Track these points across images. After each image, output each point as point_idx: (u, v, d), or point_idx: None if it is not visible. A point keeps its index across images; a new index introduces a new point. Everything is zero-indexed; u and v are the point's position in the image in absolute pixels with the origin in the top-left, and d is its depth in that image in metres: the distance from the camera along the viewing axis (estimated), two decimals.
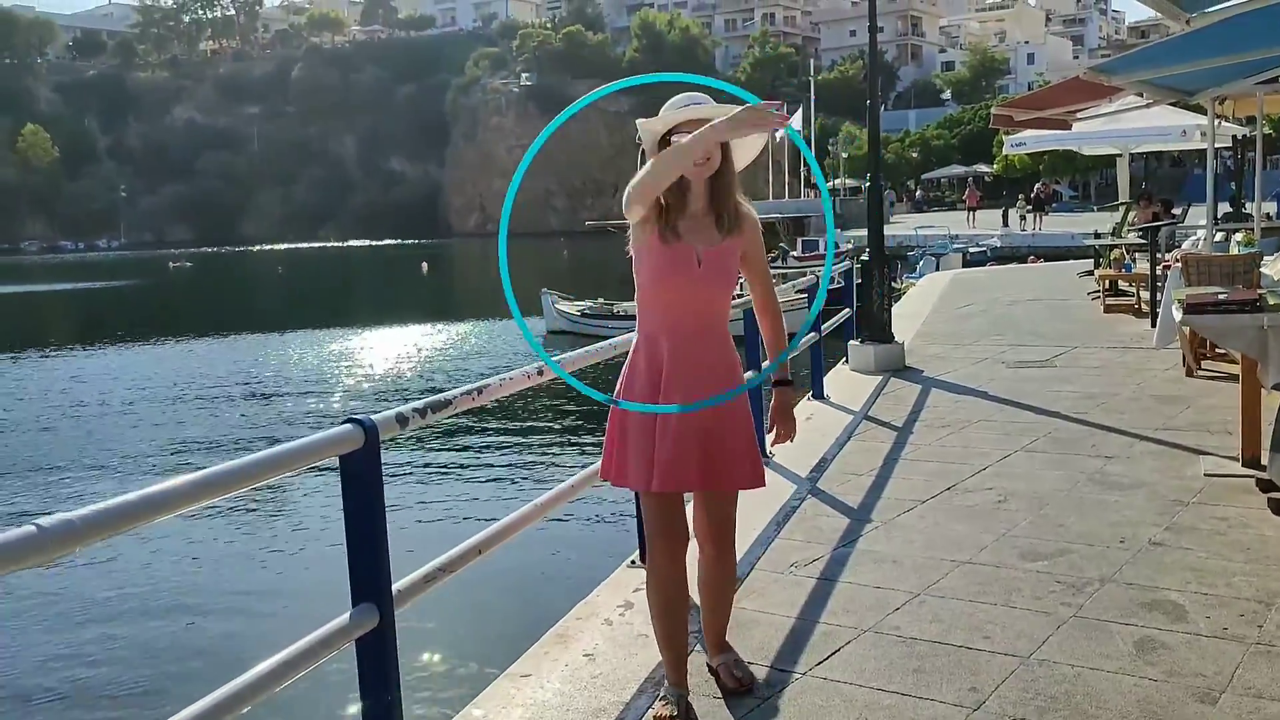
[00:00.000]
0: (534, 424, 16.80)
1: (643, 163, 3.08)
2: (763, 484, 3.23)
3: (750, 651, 3.61)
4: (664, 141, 3.08)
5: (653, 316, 3.13)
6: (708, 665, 3.44)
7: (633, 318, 4.15)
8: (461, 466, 14.09)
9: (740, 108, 2.89)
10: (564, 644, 3.80)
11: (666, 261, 3.03)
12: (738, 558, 4.49)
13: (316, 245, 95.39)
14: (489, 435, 15.86)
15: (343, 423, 2.65)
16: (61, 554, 1.83)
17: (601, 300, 26.31)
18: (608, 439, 3.22)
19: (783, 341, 3.33)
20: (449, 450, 14.94)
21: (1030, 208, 38.60)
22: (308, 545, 10.81)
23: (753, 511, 4.90)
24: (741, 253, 3.14)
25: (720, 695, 3.32)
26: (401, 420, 2.85)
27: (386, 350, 25.62)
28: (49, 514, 1.83)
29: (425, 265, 59.98)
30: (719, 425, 3.10)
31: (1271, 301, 5.25)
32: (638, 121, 3.14)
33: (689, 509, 3.30)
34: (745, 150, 3.20)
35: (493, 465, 14.13)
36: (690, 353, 3.09)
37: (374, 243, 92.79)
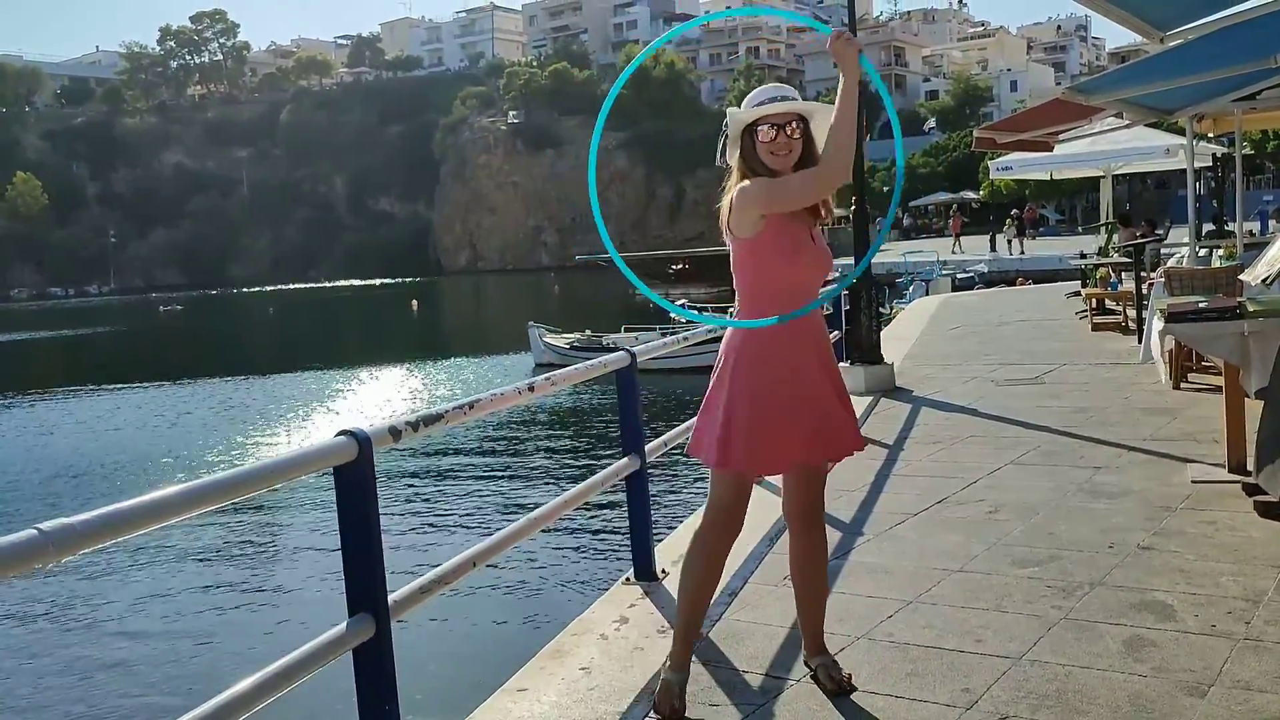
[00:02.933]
0: (528, 441, 16.86)
1: (724, 152, 3.21)
2: (863, 445, 3.41)
3: (745, 660, 3.65)
4: (747, 131, 3.16)
5: (779, 298, 3.14)
6: (806, 664, 3.45)
7: (619, 349, 4.23)
8: (457, 483, 14.15)
9: (824, 106, 3.13)
10: (560, 658, 3.82)
11: (796, 242, 3.13)
12: (732, 572, 4.56)
13: (307, 286, 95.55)
14: (484, 452, 15.92)
15: (337, 435, 2.69)
16: (61, 558, 1.87)
17: (589, 332, 26.36)
18: (727, 426, 3.16)
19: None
20: (446, 467, 15.00)
21: (1015, 232, 38.84)
22: (306, 556, 10.88)
23: (746, 528, 4.91)
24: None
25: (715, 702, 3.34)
26: (394, 433, 2.90)
27: (378, 389, 25.64)
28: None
29: (415, 304, 60.09)
30: (837, 394, 3.25)
31: (1251, 308, 5.32)
32: (729, 110, 3.21)
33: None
34: (824, 133, 3.23)
35: (488, 482, 14.18)
36: (817, 326, 3.24)
37: (364, 282, 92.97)
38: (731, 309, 3.32)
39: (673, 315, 27.84)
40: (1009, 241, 39.11)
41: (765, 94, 3.19)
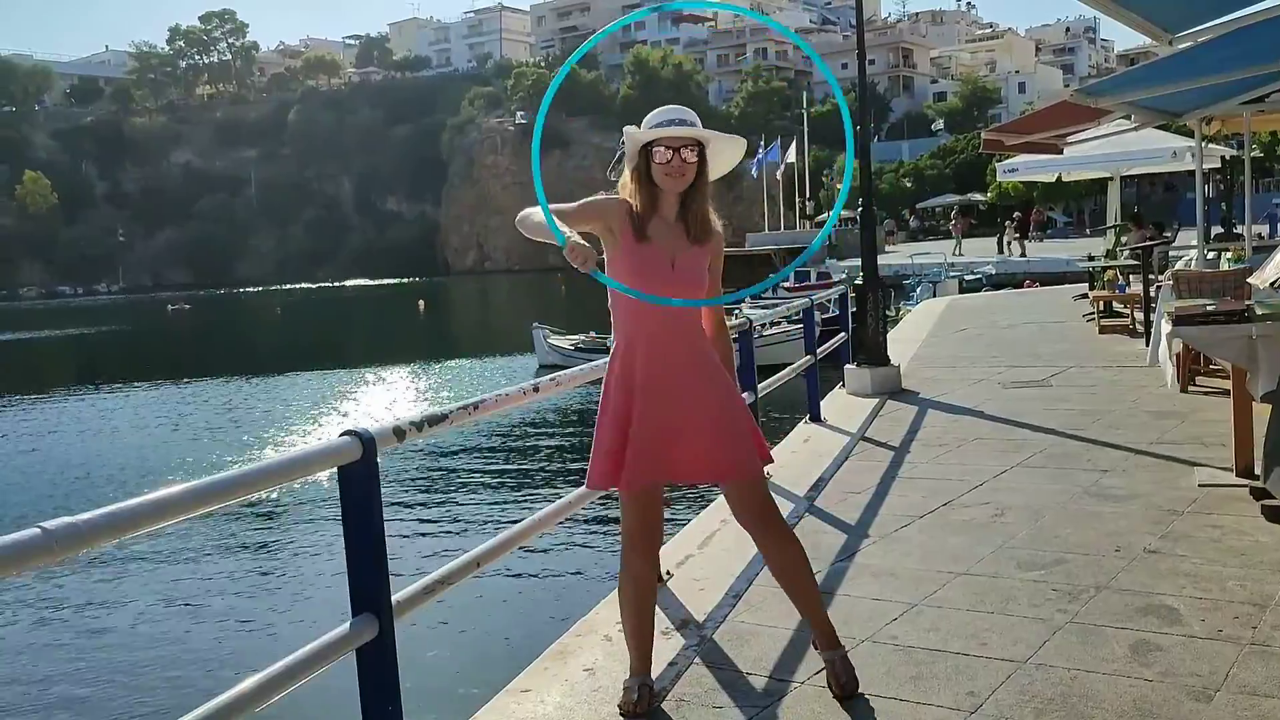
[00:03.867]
0: (532, 441, 16.87)
1: (617, 165, 3.28)
2: (769, 458, 3.38)
3: (749, 662, 3.64)
4: (644, 151, 3.18)
5: (627, 320, 3.23)
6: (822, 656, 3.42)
7: None
8: (461, 484, 14.17)
9: (721, 136, 3.19)
10: (564, 659, 3.82)
11: (640, 263, 3.15)
12: (736, 574, 4.55)
13: (314, 286, 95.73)
14: (489, 453, 15.94)
15: (341, 435, 2.69)
16: (66, 556, 1.87)
17: (594, 334, 26.32)
18: (600, 447, 3.27)
19: (730, 347, 3.57)
20: (450, 468, 15.02)
21: (1017, 234, 38.75)
22: (310, 556, 10.91)
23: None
24: (709, 263, 3.27)
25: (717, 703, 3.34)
26: (399, 433, 2.90)
27: (382, 389, 25.66)
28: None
29: (421, 304, 60.12)
30: (715, 419, 3.21)
31: (1260, 312, 5.30)
32: (626, 129, 3.22)
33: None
34: (720, 161, 3.29)
35: (492, 482, 14.20)
36: (663, 354, 3.20)
37: (371, 282, 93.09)
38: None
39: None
40: (1009, 243, 39.00)
41: (665, 115, 3.19)
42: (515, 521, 3.85)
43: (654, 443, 3.17)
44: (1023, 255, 35.65)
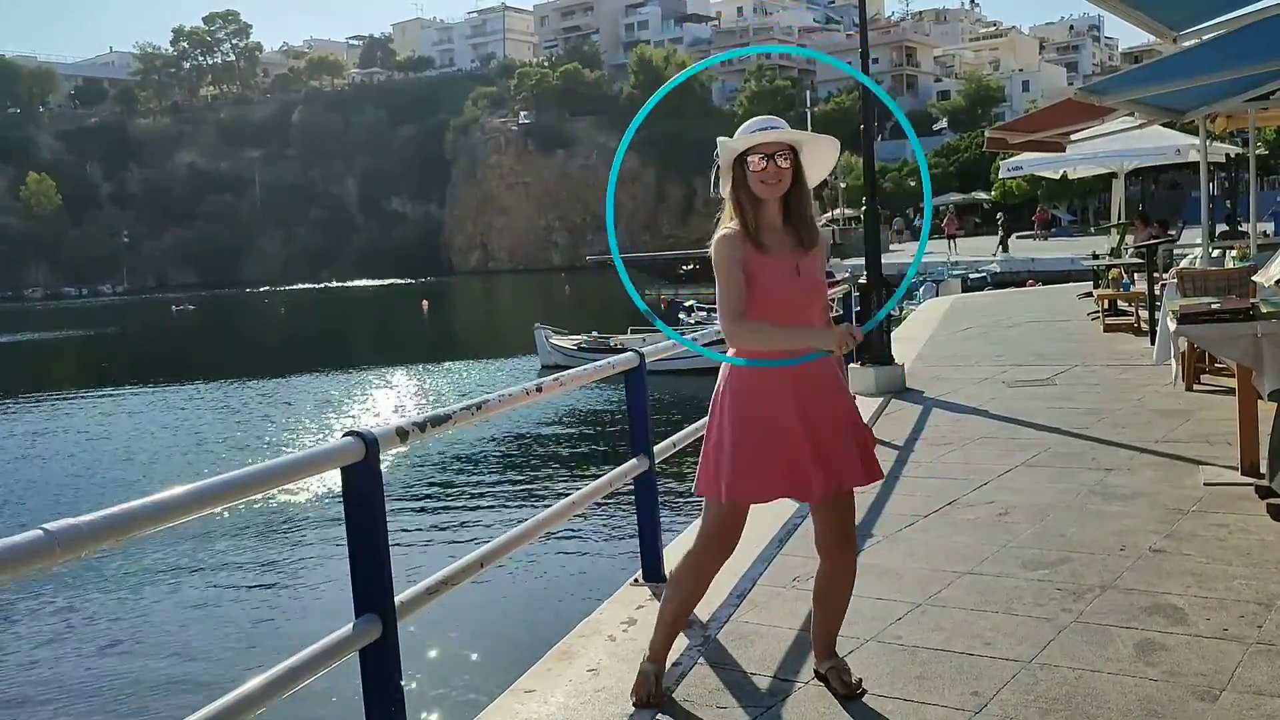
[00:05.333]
0: (535, 442, 16.87)
1: (717, 179, 3.26)
2: (882, 476, 3.41)
3: (753, 662, 3.64)
4: (738, 161, 3.18)
5: None
6: (815, 671, 3.45)
7: (628, 350, 4.25)
8: (465, 484, 14.18)
9: (813, 136, 3.22)
10: (568, 660, 3.82)
11: (773, 275, 3.14)
12: (740, 574, 4.55)
13: (319, 286, 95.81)
14: (492, 453, 15.94)
15: (344, 435, 2.69)
16: (68, 558, 1.87)
17: (595, 334, 26.30)
18: (716, 456, 3.23)
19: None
20: (453, 468, 15.03)
21: (1004, 234, 38.78)
22: (314, 557, 10.92)
23: (755, 528, 4.91)
24: (823, 266, 3.31)
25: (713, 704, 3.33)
26: (401, 434, 2.90)
27: (386, 390, 25.67)
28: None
29: (425, 305, 60.12)
30: (840, 427, 3.22)
31: (1265, 310, 5.28)
32: (719, 139, 3.24)
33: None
34: (816, 163, 3.28)
35: (495, 483, 14.21)
36: (803, 367, 3.18)
37: (376, 283, 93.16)
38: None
39: (680, 316, 27.86)
40: (1001, 241, 38.96)
41: (756, 124, 3.22)
42: (519, 521, 3.84)
43: (784, 455, 3.15)
44: (1005, 251, 35.72)
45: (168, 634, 9.08)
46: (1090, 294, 15.25)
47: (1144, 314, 11.64)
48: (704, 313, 27.62)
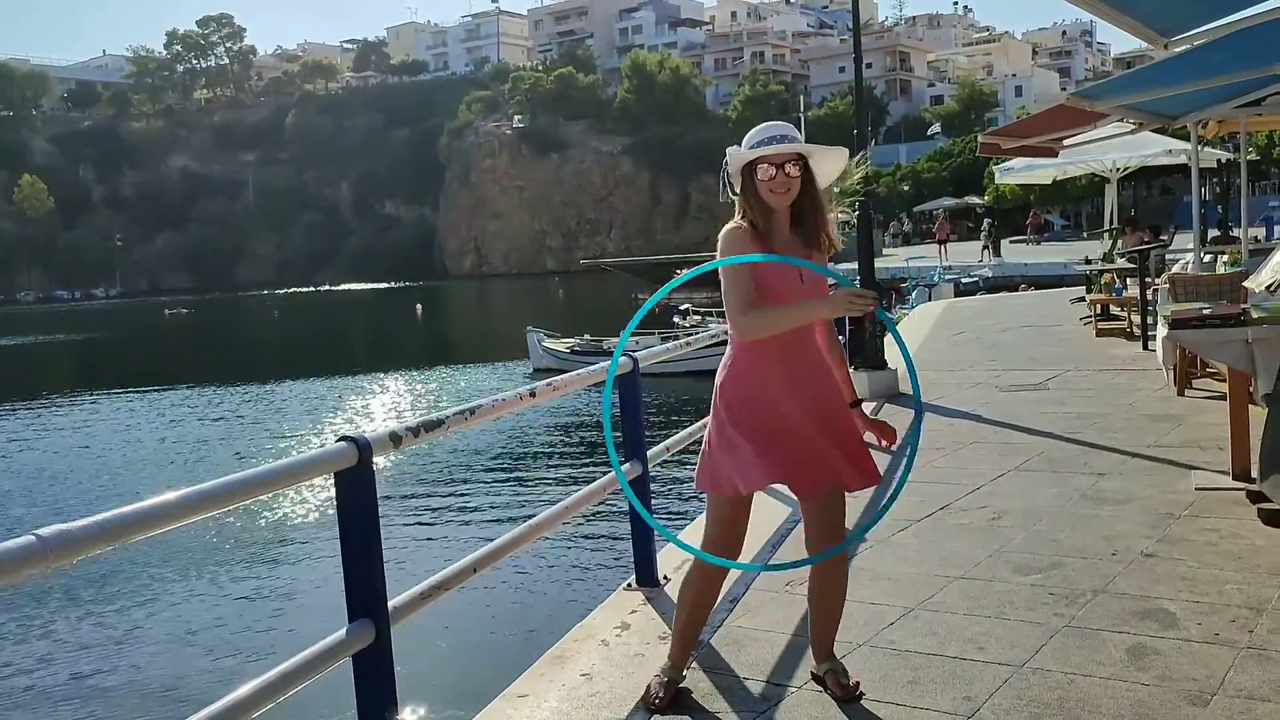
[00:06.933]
0: (529, 447, 16.87)
1: (727, 187, 3.25)
2: (879, 481, 3.42)
3: (745, 667, 3.64)
4: (747, 169, 3.20)
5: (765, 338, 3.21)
6: (813, 673, 3.46)
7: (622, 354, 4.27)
8: (458, 489, 14.18)
9: (822, 148, 3.23)
10: (561, 665, 3.82)
11: (777, 278, 3.15)
12: (734, 578, 4.55)
13: (313, 290, 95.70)
14: (485, 458, 15.94)
15: (338, 440, 2.69)
16: (60, 564, 1.86)
17: (588, 336, 26.29)
18: (717, 451, 3.26)
19: (847, 368, 3.56)
20: (446, 473, 15.02)
21: (991, 237, 38.86)
22: (307, 562, 10.91)
23: (749, 534, 4.91)
24: None
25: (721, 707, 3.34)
26: (395, 439, 2.90)
27: (379, 394, 25.64)
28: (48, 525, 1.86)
29: (419, 308, 60.09)
30: (837, 429, 3.25)
31: (1255, 315, 5.30)
32: (729, 150, 3.25)
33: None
34: (824, 173, 3.31)
35: (489, 487, 14.21)
36: (801, 363, 3.24)
37: (370, 286, 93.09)
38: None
39: (675, 320, 27.85)
40: (984, 248, 39.05)
41: (765, 133, 3.21)
42: (513, 526, 3.84)
43: (777, 447, 3.18)
44: (996, 257, 35.88)
45: (160, 640, 9.06)
46: (1083, 299, 15.30)
47: (1136, 319, 11.67)
48: (699, 316, 27.63)
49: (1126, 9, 5.86)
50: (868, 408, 8.67)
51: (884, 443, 3.42)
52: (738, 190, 3.23)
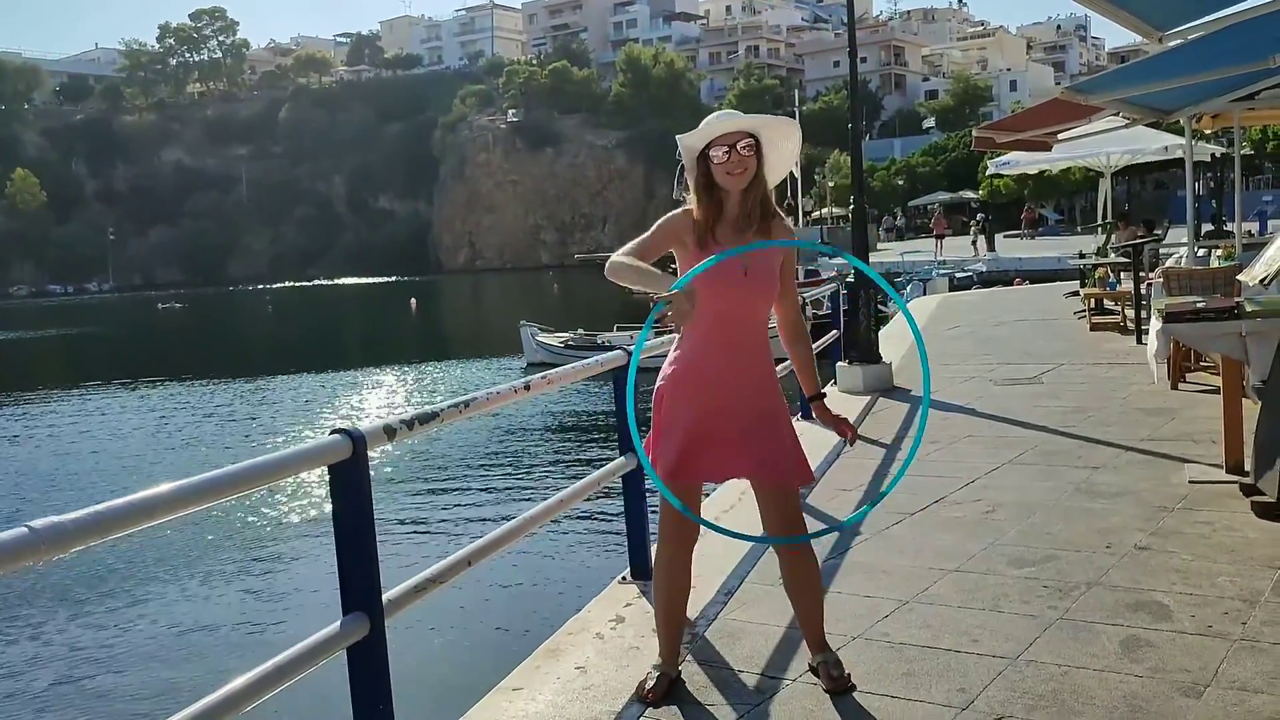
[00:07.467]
0: (524, 440, 16.86)
1: (681, 177, 3.29)
2: (811, 479, 3.44)
3: (740, 660, 3.64)
4: (702, 156, 3.21)
5: (701, 326, 3.20)
6: (809, 664, 3.46)
7: (615, 347, 4.27)
8: (452, 482, 14.18)
9: (771, 119, 3.24)
10: (555, 658, 3.81)
11: (714, 270, 3.11)
12: (728, 571, 4.55)
13: (307, 284, 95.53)
14: (480, 451, 15.93)
15: (332, 433, 2.69)
16: (52, 556, 1.86)
17: (582, 330, 26.29)
18: (658, 439, 3.31)
19: (813, 361, 3.60)
20: (441, 466, 15.02)
21: (981, 231, 38.90)
22: (301, 555, 10.90)
23: (743, 526, 4.92)
24: (780, 263, 3.30)
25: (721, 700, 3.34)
26: (389, 432, 2.89)
27: (373, 388, 25.63)
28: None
29: (414, 303, 60.02)
30: (763, 426, 3.25)
31: (1249, 309, 5.31)
32: (678, 137, 3.26)
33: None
34: (779, 157, 3.31)
35: (483, 481, 14.20)
36: (736, 361, 3.24)
37: (364, 280, 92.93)
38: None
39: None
40: (973, 243, 39.09)
41: (711, 118, 3.26)
42: (507, 519, 3.84)
43: (701, 440, 3.22)
44: (990, 252, 35.92)
45: (153, 633, 9.05)
46: (1077, 293, 15.32)
47: (1130, 313, 11.69)
48: None
49: (1121, 3, 5.87)
50: (862, 401, 8.73)
51: (846, 436, 3.40)
52: (691, 182, 3.24)
